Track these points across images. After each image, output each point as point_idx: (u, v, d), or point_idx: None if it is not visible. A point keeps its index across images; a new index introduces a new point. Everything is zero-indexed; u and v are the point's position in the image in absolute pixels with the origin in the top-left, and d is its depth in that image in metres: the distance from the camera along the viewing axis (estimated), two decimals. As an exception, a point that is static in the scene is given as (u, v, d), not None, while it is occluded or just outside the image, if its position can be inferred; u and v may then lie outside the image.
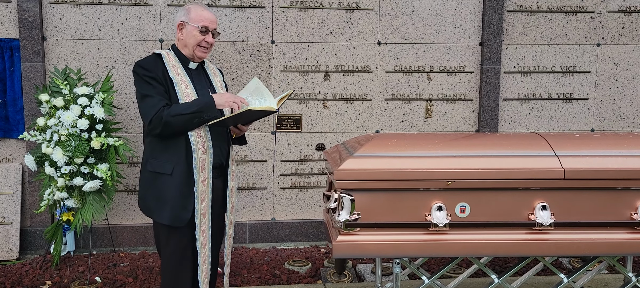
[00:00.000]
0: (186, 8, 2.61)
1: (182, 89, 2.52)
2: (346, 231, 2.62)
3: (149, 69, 2.50)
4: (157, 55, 2.59)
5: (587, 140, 2.94)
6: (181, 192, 2.52)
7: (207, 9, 2.63)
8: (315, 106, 4.47)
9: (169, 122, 2.44)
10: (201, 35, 2.58)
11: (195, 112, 2.44)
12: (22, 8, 4.01)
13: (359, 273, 3.77)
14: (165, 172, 2.52)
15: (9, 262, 4.06)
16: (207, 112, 2.47)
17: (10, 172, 4.15)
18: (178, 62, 2.60)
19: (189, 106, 2.45)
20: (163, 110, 2.44)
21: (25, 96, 4.09)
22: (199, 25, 2.57)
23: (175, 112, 2.44)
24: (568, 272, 3.40)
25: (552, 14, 4.59)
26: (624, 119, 4.76)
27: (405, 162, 2.63)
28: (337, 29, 4.41)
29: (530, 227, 2.64)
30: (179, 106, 2.46)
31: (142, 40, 4.22)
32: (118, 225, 4.34)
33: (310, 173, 4.53)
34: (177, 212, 2.53)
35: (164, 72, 2.52)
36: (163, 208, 2.54)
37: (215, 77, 2.77)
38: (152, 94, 2.49)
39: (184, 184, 2.52)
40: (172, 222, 2.53)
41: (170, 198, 2.53)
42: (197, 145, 2.52)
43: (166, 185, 2.53)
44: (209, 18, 2.60)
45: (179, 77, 2.54)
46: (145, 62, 2.54)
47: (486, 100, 4.56)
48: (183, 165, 2.52)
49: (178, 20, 2.61)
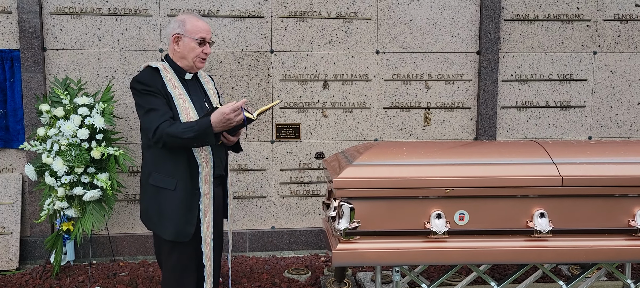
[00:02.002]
0: (180, 20, 2.56)
1: (180, 102, 2.49)
2: (346, 239, 2.63)
3: (149, 83, 2.47)
4: (154, 69, 2.54)
5: (585, 148, 2.97)
6: (185, 207, 2.49)
7: (200, 19, 2.60)
8: (315, 115, 4.49)
9: (167, 142, 2.42)
10: (200, 47, 2.56)
11: (192, 138, 2.39)
12: (23, 19, 4.04)
13: (359, 281, 3.77)
14: (168, 187, 2.49)
15: (9, 272, 4.06)
16: (204, 139, 2.40)
17: (10, 182, 4.15)
18: (174, 74, 2.57)
19: (187, 130, 2.39)
20: (164, 126, 2.41)
21: (26, 106, 4.11)
22: (197, 38, 2.54)
23: (173, 132, 2.39)
24: (567, 279, 3.41)
25: (548, 23, 4.62)
26: (621, 127, 4.78)
27: (404, 170, 2.65)
28: (335, 38, 4.44)
29: (529, 234, 2.66)
30: (178, 127, 2.40)
31: (142, 50, 4.24)
32: (118, 235, 4.34)
33: (310, 182, 4.54)
34: (181, 227, 2.50)
35: (162, 85, 2.49)
36: (166, 223, 2.51)
37: (208, 85, 2.75)
38: (156, 106, 2.45)
39: (187, 199, 2.50)
40: (177, 237, 2.51)
41: (173, 213, 2.49)
42: (201, 159, 2.51)
43: (169, 200, 2.50)
44: (205, 28, 2.57)
45: (177, 91, 2.51)
46: (143, 77, 2.49)
47: (484, 108, 4.59)
48: (186, 180, 2.49)
49: (173, 33, 2.56)
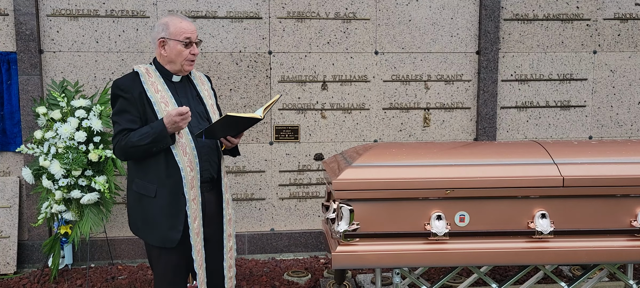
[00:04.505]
0: (163, 23, 2.49)
1: (161, 107, 2.42)
2: (345, 241, 2.61)
3: (125, 89, 2.42)
4: (135, 73, 2.48)
5: (586, 148, 2.95)
6: (167, 213, 2.45)
7: (184, 19, 2.52)
8: (313, 116, 4.47)
9: (127, 152, 2.40)
10: (186, 48, 2.48)
11: (150, 143, 2.35)
12: (20, 21, 4.02)
13: (359, 283, 3.75)
14: (149, 194, 2.46)
15: (7, 276, 4.03)
16: (161, 142, 2.36)
17: (7, 185, 4.13)
18: (159, 77, 2.50)
19: (143, 137, 2.35)
20: (121, 141, 2.39)
21: (23, 109, 4.08)
22: (182, 39, 2.46)
23: (131, 143, 2.37)
24: (569, 280, 3.39)
25: (548, 22, 4.61)
26: (621, 126, 4.76)
27: (404, 172, 2.63)
28: (334, 39, 4.42)
29: (530, 236, 2.64)
30: (135, 135, 2.37)
31: (139, 52, 4.22)
32: (116, 238, 4.32)
33: (309, 184, 4.52)
34: (165, 233, 2.47)
35: (140, 93, 2.43)
36: (151, 229, 2.49)
37: (202, 86, 2.66)
38: (118, 119, 2.43)
39: (170, 205, 2.45)
40: (163, 243, 2.48)
41: (156, 220, 2.47)
42: (184, 164, 2.43)
43: (151, 207, 2.47)
44: (189, 29, 2.49)
45: (159, 95, 2.44)
46: (122, 82, 2.45)
47: (484, 109, 4.57)
48: (168, 186, 2.44)
49: (157, 37, 2.49)
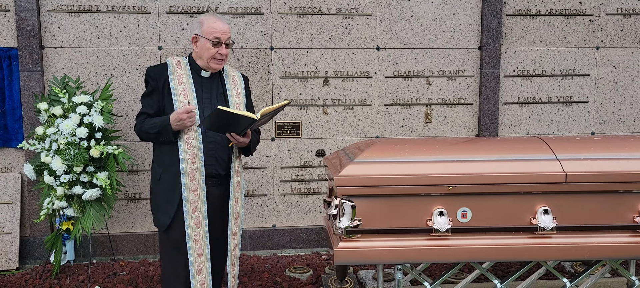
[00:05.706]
0: (199, 20, 2.65)
1: (180, 99, 2.57)
2: (347, 237, 2.61)
3: (153, 76, 2.63)
4: (165, 63, 2.68)
5: (589, 144, 2.94)
6: (165, 198, 2.64)
7: (219, 19, 2.64)
8: (315, 112, 4.46)
9: (141, 135, 2.65)
10: (214, 47, 2.60)
11: (157, 133, 2.59)
12: (21, 17, 4.01)
13: (361, 279, 3.75)
14: (155, 177, 2.68)
15: (9, 272, 4.04)
16: (164, 134, 2.57)
17: (9, 181, 4.13)
18: (188, 70, 2.65)
19: (153, 126, 2.59)
20: (139, 122, 2.65)
21: (24, 105, 4.08)
22: (211, 38, 2.58)
23: (144, 128, 2.62)
24: (571, 276, 3.38)
25: (550, 18, 4.59)
26: (624, 122, 4.75)
27: (406, 168, 2.62)
28: (335, 34, 4.40)
29: (533, 232, 2.64)
30: (149, 122, 2.61)
31: (140, 47, 4.21)
32: (118, 234, 4.32)
33: (311, 180, 4.52)
34: (159, 215, 2.67)
35: (165, 82, 2.60)
36: (154, 209, 2.74)
37: (233, 85, 2.74)
38: (143, 102, 2.68)
39: (167, 190, 2.62)
40: (155, 223, 2.70)
41: (156, 201, 2.69)
42: (186, 155, 2.57)
43: (156, 189, 2.68)
44: (221, 29, 2.60)
45: (181, 87, 2.59)
46: (153, 69, 2.66)
47: (486, 104, 4.56)
48: (169, 173, 2.62)
49: (192, 33, 2.66)
